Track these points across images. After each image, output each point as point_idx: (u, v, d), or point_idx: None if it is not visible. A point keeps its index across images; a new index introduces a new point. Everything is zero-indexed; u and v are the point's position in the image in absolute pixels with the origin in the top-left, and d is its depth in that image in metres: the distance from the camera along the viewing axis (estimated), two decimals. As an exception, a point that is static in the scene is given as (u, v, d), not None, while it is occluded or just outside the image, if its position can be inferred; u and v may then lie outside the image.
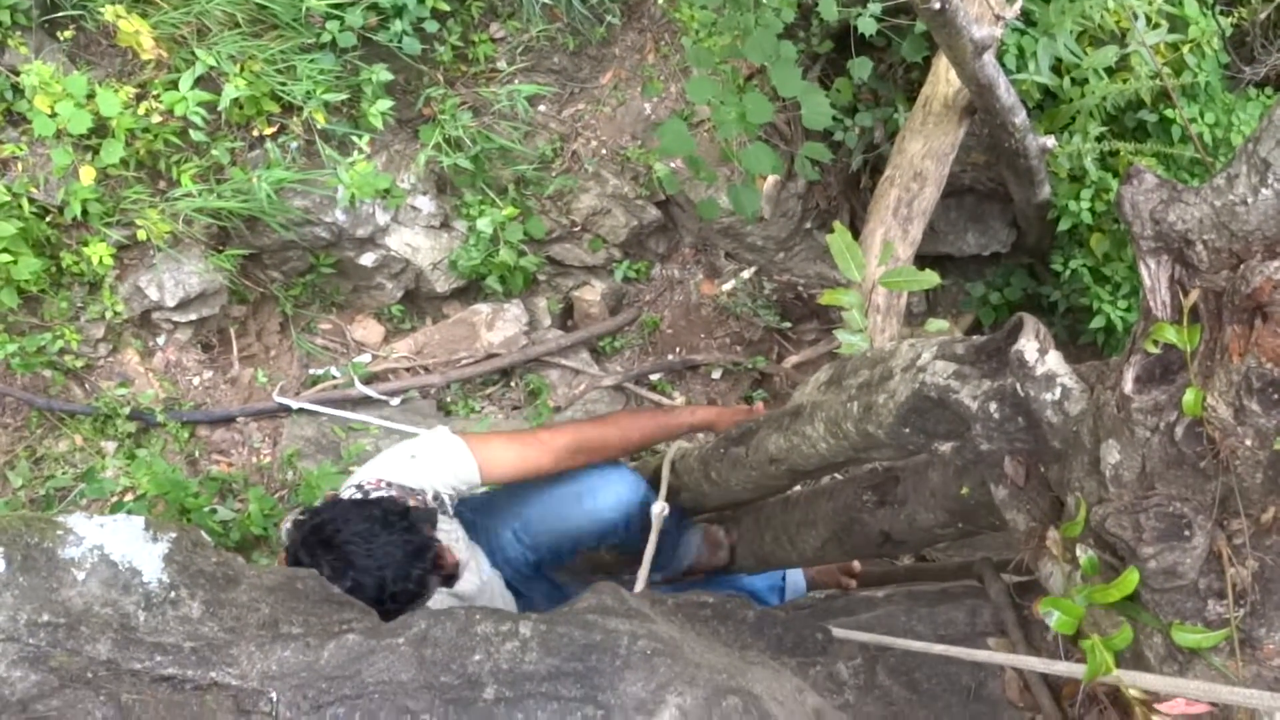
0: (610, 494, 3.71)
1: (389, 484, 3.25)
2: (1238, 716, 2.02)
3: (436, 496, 3.34)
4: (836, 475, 3.43)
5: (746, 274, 5.49)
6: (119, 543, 2.01)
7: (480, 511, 3.80)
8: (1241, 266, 1.84)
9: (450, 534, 3.36)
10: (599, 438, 3.70)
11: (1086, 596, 2.13)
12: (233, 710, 1.85)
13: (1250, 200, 1.79)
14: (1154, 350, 1.99)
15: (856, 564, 4.09)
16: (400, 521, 2.94)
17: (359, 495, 3.18)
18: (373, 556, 2.81)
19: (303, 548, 2.87)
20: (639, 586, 3.26)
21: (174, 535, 2.06)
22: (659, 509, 3.50)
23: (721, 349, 5.42)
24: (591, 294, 5.43)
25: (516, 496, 3.82)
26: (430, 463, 3.36)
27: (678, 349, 5.50)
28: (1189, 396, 1.93)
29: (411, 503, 3.09)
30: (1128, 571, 2.06)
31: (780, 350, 5.52)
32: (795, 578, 4.20)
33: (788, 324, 5.49)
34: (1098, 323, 4.62)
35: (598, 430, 3.78)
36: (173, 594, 2.00)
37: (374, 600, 2.62)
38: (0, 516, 2.01)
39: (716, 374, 5.44)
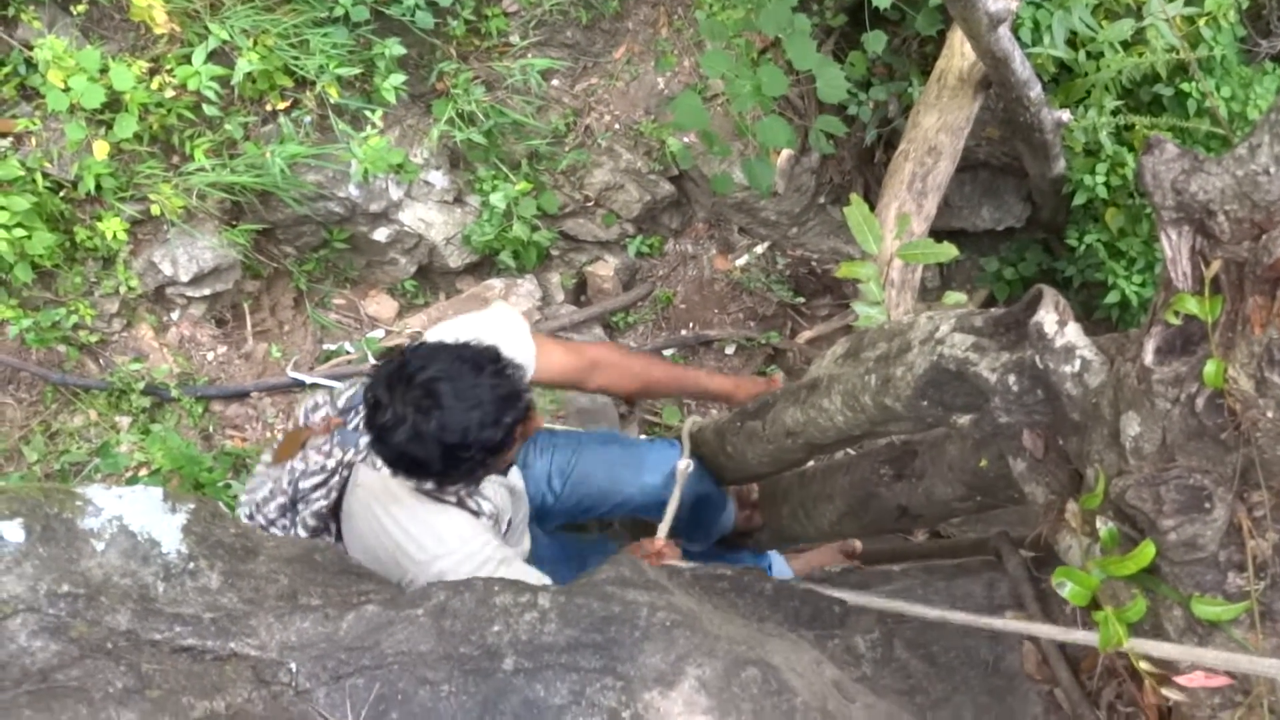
0: (667, 471, 3.58)
1: None
2: (1257, 688, 2.02)
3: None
4: (851, 450, 3.43)
5: (760, 249, 5.48)
6: (138, 514, 2.01)
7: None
8: (1264, 237, 1.83)
9: None
10: (622, 362, 3.61)
11: (1103, 568, 2.12)
12: (252, 680, 1.85)
13: (1273, 170, 1.78)
14: (1175, 321, 1.98)
15: (857, 544, 4.10)
16: (492, 365, 2.74)
17: None
18: (462, 397, 2.63)
19: (383, 384, 2.67)
20: (661, 532, 3.29)
21: (192, 507, 2.06)
22: (684, 465, 3.46)
23: (735, 324, 5.42)
24: (605, 269, 5.43)
25: (572, 439, 3.75)
26: (498, 336, 3.03)
27: (691, 324, 5.50)
28: (1210, 368, 1.92)
29: (496, 349, 2.83)
30: (1144, 544, 2.05)
31: (794, 325, 5.52)
32: (780, 567, 4.20)
33: (801, 299, 5.49)
34: (1112, 298, 4.61)
35: (623, 356, 3.70)
36: (191, 565, 2.00)
37: (454, 446, 2.61)
38: (20, 487, 2.02)
39: (730, 349, 5.44)
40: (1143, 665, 2.19)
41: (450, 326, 3.13)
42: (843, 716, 1.91)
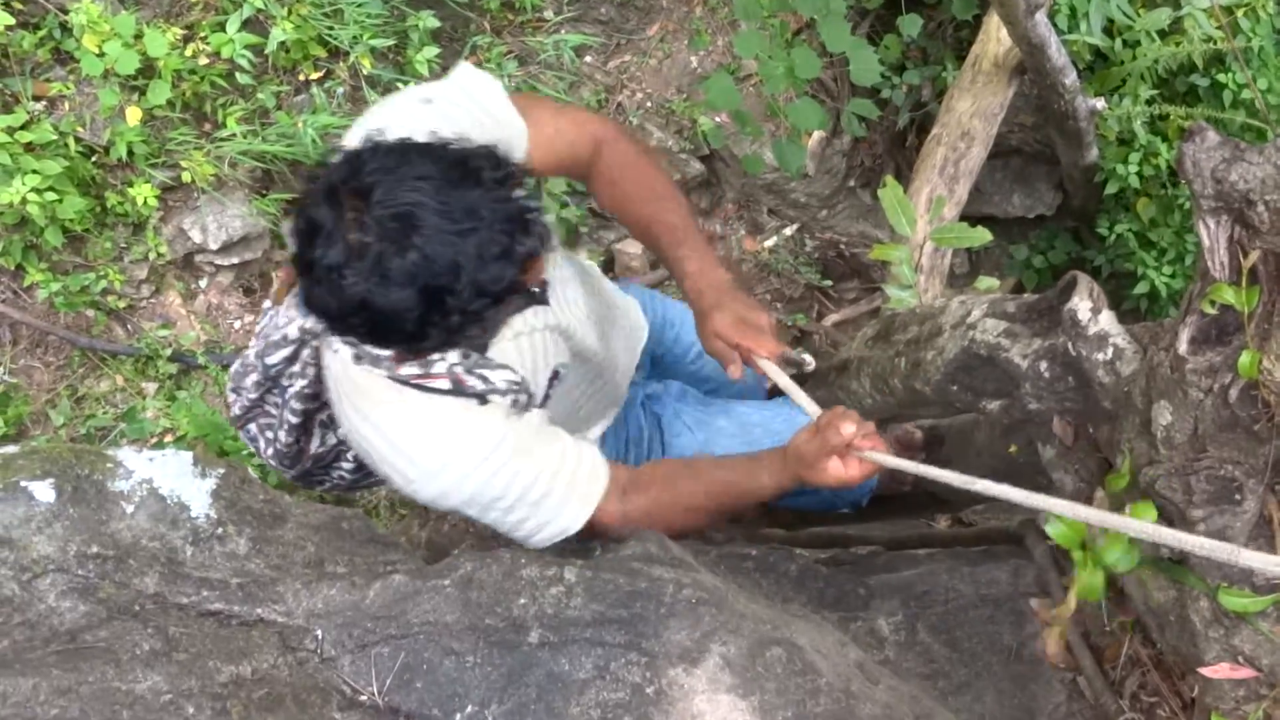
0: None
1: None
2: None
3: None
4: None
5: (789, 231, 5.47)
6: (168, 477, 2.02)
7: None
8: (1305, 228, 1.82)
9: None
10: (628, 157, 2.63)
11: (1107, 488, 2.13)
12: (278, 647, 1.86)
13: (1316, 160, 1.77)
14: (1210, 311, 1.98)
15: (917, 434, 3.56)
16: (492, 169, 1.94)
17: None
18: (451, 216, 1.85)
19: (323, 201, 1.87)
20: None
21: (222, 472, 2.07)
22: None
23: (762, 305, 5.42)
24: (633, 247, 5.40)
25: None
26: (457, 108, 2.25)
27: (717, 305, 5.49)
28: (1245, 359, 1.92)
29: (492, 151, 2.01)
30: (1143, 504, 2.06)
31: (820, 308, 5.50)
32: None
33: (829, 282, 5.47)
34: (1141, 288, 4.60)
35: (632, 145, 2.70)
36: (220, 530, 2.01)
37: (440, 290, 1.86)
38: (51, 447, 2.03)
39: (757, 330, 5.44)
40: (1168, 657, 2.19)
41: (398, 106, 2.32)
42: (865, 698, 1.91)
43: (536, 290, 2.24)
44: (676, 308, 3.36)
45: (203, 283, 4.72)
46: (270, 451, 2.51)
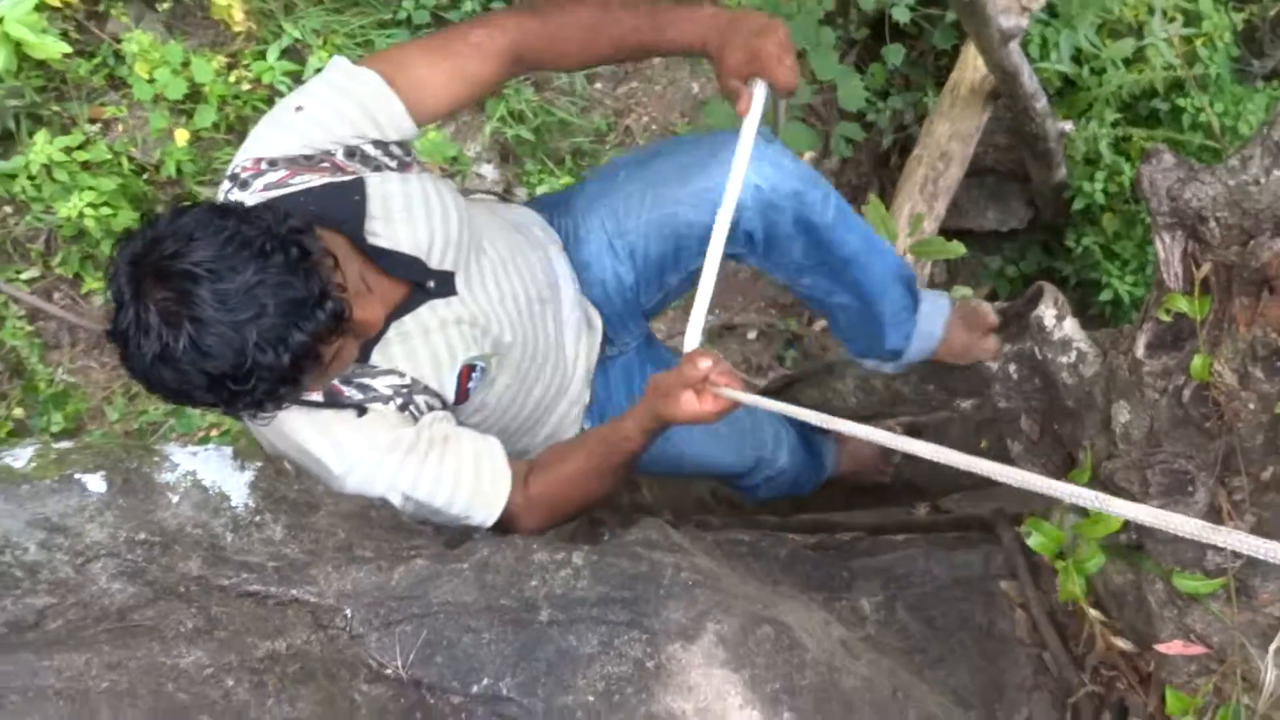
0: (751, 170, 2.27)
1: (272, 162, 2.08)
2: (1231, 657, 2.01)
3: (353, 153, 2.13)
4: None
5: (782, 242, 5.47)
6: (210, 470, 2.02)
7: (557, 210, 2.67)
8: (1251, 242, 1.82)
9: (397, 207, 2.16)
10: (546, 31, 2.28)
11: (1075, 529, 2.13)
12: (311, 625, 1.86)
13: (1263, 180, 1.78)
14: (1165, 318, 1.99)
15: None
16: (280, 247, 1.80)
17: (229, 193, 2.09)
18: (228, 301, 1.74)
19: (125, 277, 1.79)
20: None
21: (259, 465, 2.07)
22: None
23: (757, 311, 5.40)
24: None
25: (611, 188, 2.57)
26: (325, 108, 2.12)
27: (716, 310, 5.48)
28: (1197, 362, 1.92)
29: (295, 222, 1.87)
30: (1085, 460, 2.07)
31: (811, 313, 5.50)
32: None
33: (819, 290, 5.47)
34: (1106, 296, 4.60)
35: (542, 23, 2.29)
36: (257, 518, 2.01)
37: (220, 376, 1.78)
38: (102, 443, 2.03)
39: (751, 334, 5.43)
40: (1120, 643, 2.19)
41: (265, 125, 2.16)
42: (848, 671, 1.92)
43: (363, 336, 2.09)
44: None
45: (245, 289, 4.72)
46: None
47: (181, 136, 4.25)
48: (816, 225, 2.45)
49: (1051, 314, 2.16)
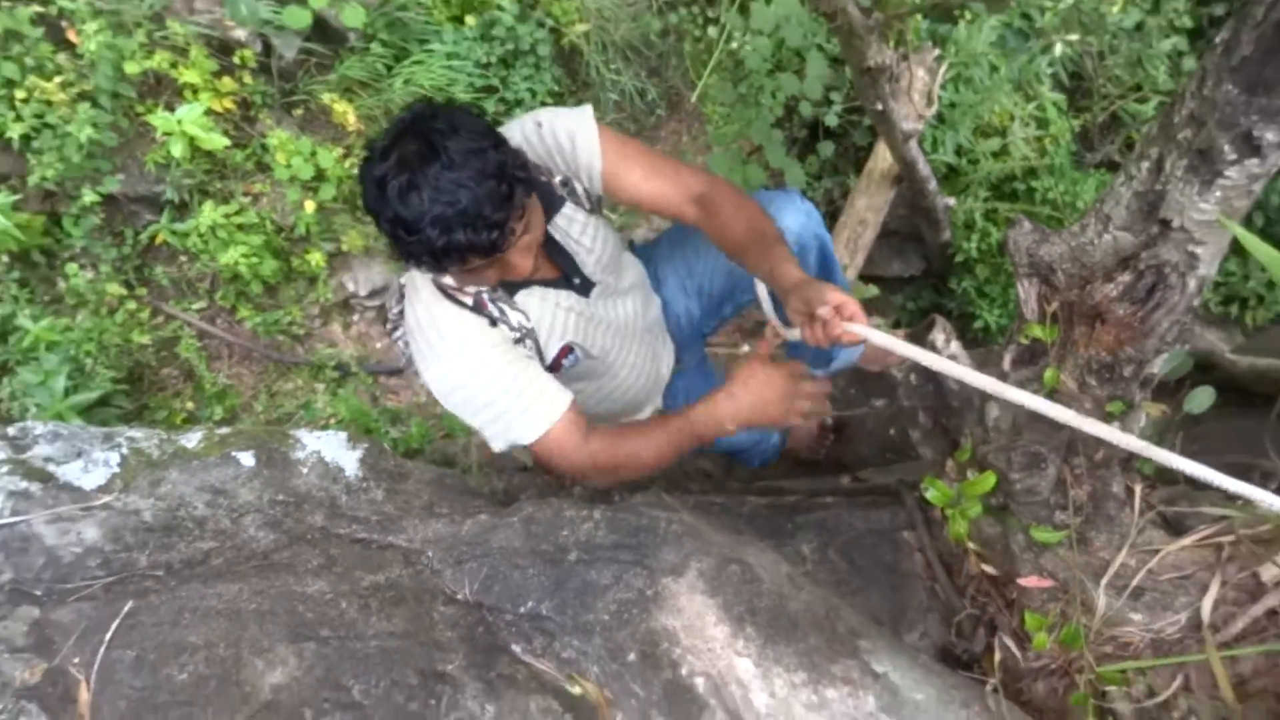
0: (791, 216, 2.40)
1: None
2: (1073, 588, 2.00)
3: (566, 183, 2.11)
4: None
5: (744, 284, 5.46)
6: (330, 449, 2.02)
7: (644, 255, 2.64)
8: (1088, 287, 1.82)
9: (576, 227, 2.16)
10: (723, 213, 2.11)
11: (962, 488, 2.12)
12: (402, 563, 1.86)
13: (1096, 242, 1.77)
14: (1025, 342, 1.98)
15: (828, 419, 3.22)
16: (502, 178, 1.78)
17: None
18: (440, 182, 1.73)
19: (400, 123, 1.83)
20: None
21: (366, 446, 2.07)
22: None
23: (725, 334, 5.40)
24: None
25: (684, 240, 2.58)
26: (555, 140, 2.06)
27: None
28: (1048, 374, 1.91)
29: (524, 174, 1.86)
30: (985, 474, 2.06)
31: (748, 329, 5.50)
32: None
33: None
34: (980, 325, 4.58)
35: (728, 207, 2.12)
36: (364, 484, 2.01)
37: (399, 222, 1.77)
38: (252, 429, 2.03)
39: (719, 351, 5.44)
40: (988, 569, 2.18)
41: (524, 119, 2.11)
42: (793, 597, 1.91)
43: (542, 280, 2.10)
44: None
45: (355, 317, 4.73)
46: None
47: (310, 206, 4.25)
48: (829, 260, 2.54)
49: (941, 337, 2.16)
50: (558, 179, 2.11)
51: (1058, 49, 4.05)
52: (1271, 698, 1.84)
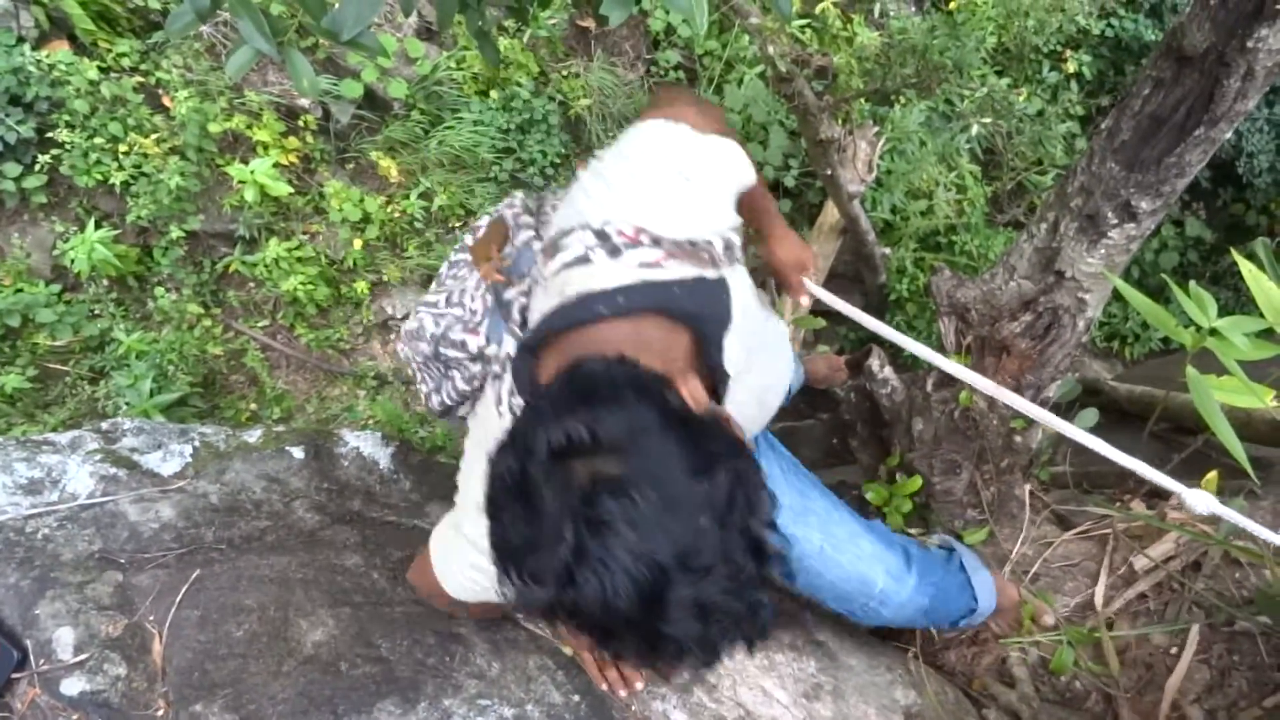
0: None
1: (655, 239, 1.10)
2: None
3: (729, 245, 1.19)
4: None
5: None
6: (367, 446, 2.01)
7: None
8: (996, 324, 1.82)
9: (746, 297, 1.25)
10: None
11: (894, 490, 2.12)
12: (425, 541, 1.85)
13: (1003, 288, 1.78)
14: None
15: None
16: (729, 463, 0.83)
17: (591, 249, 1.09)
18: (665, 530, 0.78)
19: (550, 476, 0.81)
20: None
21: (398, 444, 2.06)
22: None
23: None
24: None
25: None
26: (714, 190, 1.21)
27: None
28: (963, 395, 1.91)
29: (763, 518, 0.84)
30: (913, 478, 2.06)
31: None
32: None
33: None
34: (908, 354, 4.60)
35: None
36: (395, 476, 2.00)
37: (640, 603, 0.78)
38: (303, 428, 2.02)
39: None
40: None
41: (655, 170, 1.15)
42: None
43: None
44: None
45: (391, 336, 4.70)
46: (428, 399, 1.46)
47: (358, 243, 4.24)
48: None
49: (877, 363, 2.16)
50: (719, 247, 1.17)
51: (974, 129, 4.08)
52: (1142, 665, 1.84)
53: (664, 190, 1.15)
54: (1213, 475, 2.08)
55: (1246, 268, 1.75)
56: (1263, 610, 1.82)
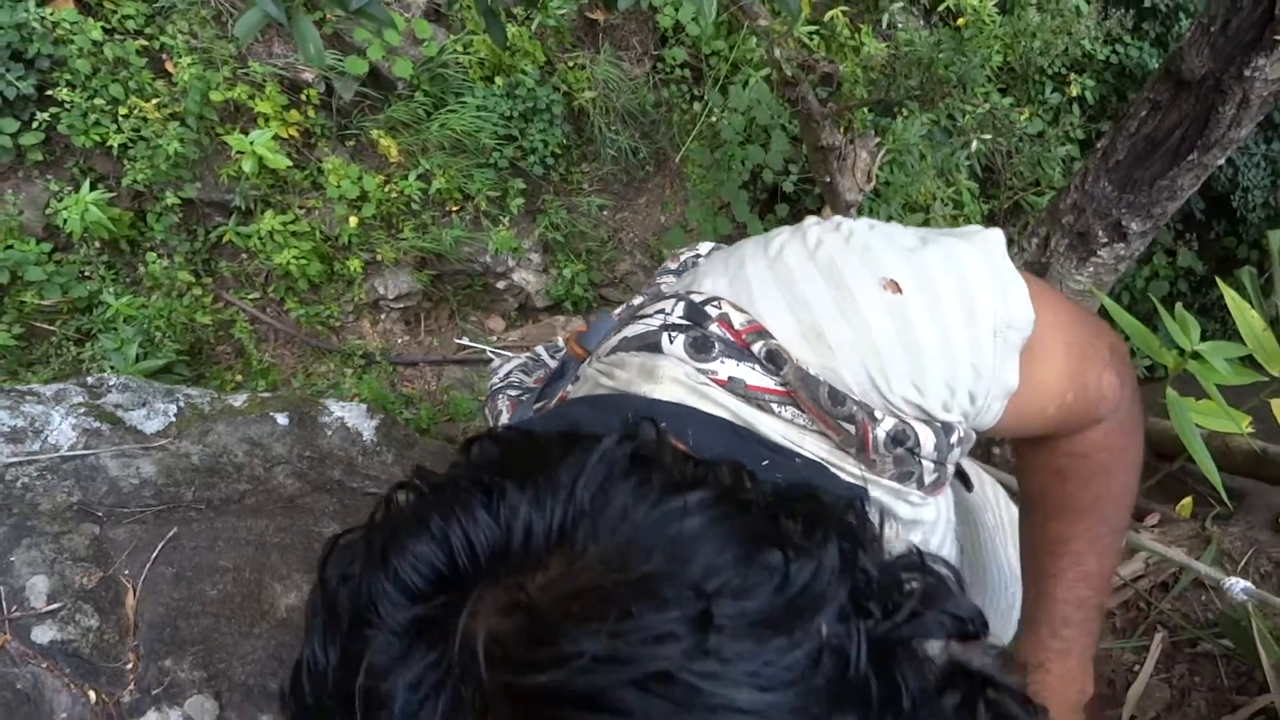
0: None
1: (776, 355, 0.58)
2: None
3: (901, 440, 0.59)
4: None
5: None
6: (352, 417, 2.02)
7: None
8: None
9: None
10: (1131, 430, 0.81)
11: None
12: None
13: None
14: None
15: None
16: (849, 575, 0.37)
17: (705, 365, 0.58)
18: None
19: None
20: None
21: (381, 417, 2.07)
22: None
23: None
24: (621, 318, 5.38)
25: None
26: (944, 327, 0.58)
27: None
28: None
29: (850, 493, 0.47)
30: None
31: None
32: None
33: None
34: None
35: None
36: (378, 449, 2.01)
37: None
38: (288, 395, 2.02)
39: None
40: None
41: (846, 274, 0.63)
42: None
43: None
44: None
45: (382, 316, 4.72)
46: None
47: (353, 221, 4.24)
48: None
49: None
50: (883, 430, 0.66)
51: (974, 145, 4.12)
52: (1104, 681, 1.86)
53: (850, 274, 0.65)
54: (1187, 501, 2.11)
55: (1230, 295, 1.77)
56: (1225, 634, 1.84)
